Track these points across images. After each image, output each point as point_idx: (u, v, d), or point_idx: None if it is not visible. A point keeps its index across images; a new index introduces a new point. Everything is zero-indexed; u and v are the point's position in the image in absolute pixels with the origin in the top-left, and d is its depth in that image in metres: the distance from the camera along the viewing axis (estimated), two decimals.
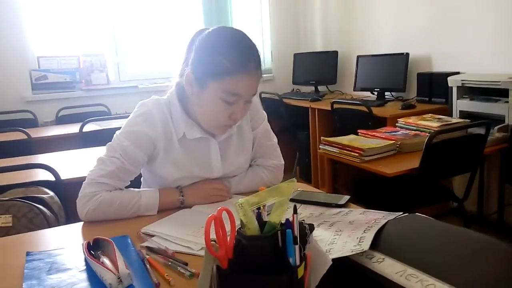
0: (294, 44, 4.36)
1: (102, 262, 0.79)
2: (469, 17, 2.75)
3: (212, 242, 0.59)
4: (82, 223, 1.10)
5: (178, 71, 1.19)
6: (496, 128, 2.21)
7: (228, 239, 0.59)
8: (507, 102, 2.24)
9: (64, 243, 0.98)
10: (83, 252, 0.86)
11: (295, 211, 0.58)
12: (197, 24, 3.91)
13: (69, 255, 0.89)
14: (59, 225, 1.31)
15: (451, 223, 0.79)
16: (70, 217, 1.37)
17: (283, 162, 1.34)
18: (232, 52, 1.04)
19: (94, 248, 0.88)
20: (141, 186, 1.30)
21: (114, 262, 0.78)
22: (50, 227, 1.26)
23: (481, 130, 2.04)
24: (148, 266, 0.82)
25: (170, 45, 3.92)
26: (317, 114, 3.39)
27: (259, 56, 1.09)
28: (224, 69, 1.04)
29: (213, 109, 1.09)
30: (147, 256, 0.86)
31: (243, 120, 1.23)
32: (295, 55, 4.17)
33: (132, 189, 1.16)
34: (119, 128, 1.16)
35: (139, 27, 3.85)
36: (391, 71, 3.23)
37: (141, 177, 1.28)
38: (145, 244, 0.92)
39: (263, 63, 1.12)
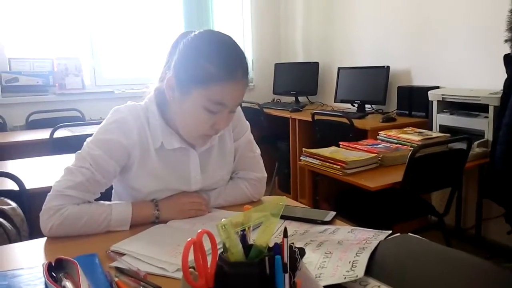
0: (275, 54, 4.34)
1: (63, 287, 0.70)
2: (450, 32, 2.78)
3: (190, 269, 0.52)
4: (46, 238, 1.00)
5: (158, 75, 1.12)
6: (476, 143, 2.21)
7: (208, 266, 0.52)
8: (487, 117, 2.26)
9: (24, 262, 0.88)
10: (43, 274, 0.77)
11: (285, 235, 0.52)
12: (177, 31, 3.83)
13: (28, 277, 0.79)
14: (21, 240, 1.20)
15: (432, 238, 0.76)
16: (34, 231, 1.26)
17: (265, 174, 1.27)
18: (219, 58, 0.98)
19: (56, 269, 0.78)
20: (112, 199, 1.20)
21: (77, 286, 0.70)
22: (10, 242, 1.15)
23: (461, 145, 2.03)
24: None
25: (149, 50, 3.82)
26: (298, 125, 3.36)
27: (247, 63, 1.03)
28: (210, 75, 0.97)
29: (194, 117, 1.02)
30: (116, 279, 0.77)
31: (225, 130, 1.16)
32: (276, 65, 4.14)
33: (102, 202, 1.07)
34: (92, 135, 1.08)
35: (116, 30, 3.74)
36: (372, 84, 3.23)
37: (112, 189, 1.19)
38: (114, 264, 0.84)
39: None
